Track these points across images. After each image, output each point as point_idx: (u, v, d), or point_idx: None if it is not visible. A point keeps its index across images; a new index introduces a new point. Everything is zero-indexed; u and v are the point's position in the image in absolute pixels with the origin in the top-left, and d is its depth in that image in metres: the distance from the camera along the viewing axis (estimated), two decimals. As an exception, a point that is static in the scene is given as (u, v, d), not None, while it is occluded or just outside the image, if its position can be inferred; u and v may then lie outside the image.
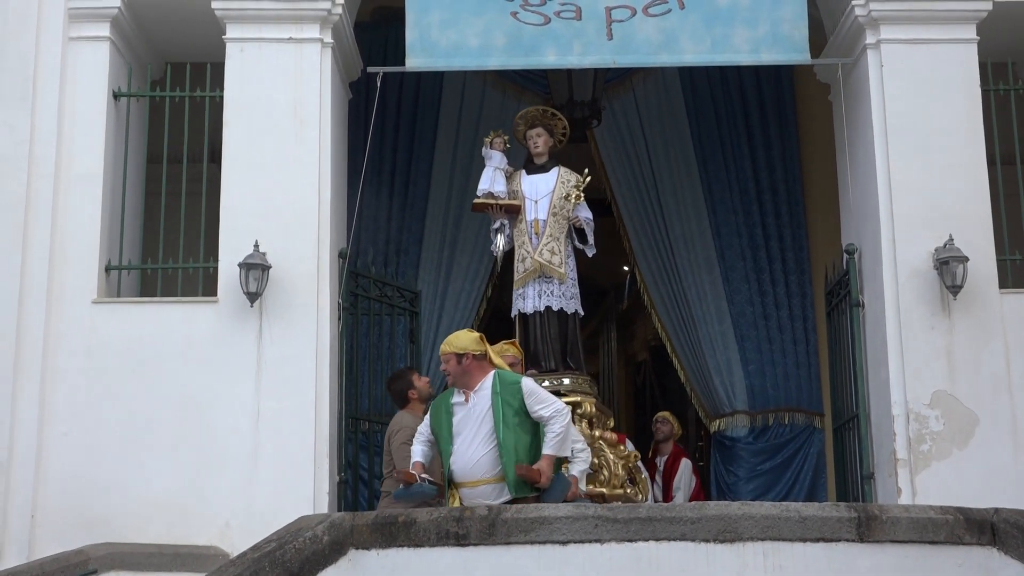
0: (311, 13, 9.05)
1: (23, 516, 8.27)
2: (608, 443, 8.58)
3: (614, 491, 8.32)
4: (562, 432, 6.91)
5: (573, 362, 8.94)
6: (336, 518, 6.30)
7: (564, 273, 8.87)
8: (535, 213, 8.98)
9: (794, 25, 8.91)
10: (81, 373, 8.51)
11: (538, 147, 9.17)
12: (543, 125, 9.18)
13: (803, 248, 11.11)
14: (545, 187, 9.03)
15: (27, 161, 8.75)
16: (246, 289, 8.50)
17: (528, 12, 8.94)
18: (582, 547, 6.11)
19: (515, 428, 6.88)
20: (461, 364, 6.98)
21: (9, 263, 8.60)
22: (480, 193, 9.09)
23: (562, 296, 8.91)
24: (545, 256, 8.86)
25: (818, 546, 6.12)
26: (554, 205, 8.95)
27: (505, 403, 6.91)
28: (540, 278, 8.88)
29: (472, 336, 7.13)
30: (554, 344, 8.87)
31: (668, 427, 10.54)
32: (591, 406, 8.64)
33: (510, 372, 7.25)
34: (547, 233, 8.92)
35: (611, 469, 8.45)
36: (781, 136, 11.25)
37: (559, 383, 8.63)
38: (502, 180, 9.09)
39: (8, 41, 8.91)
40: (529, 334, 8.91)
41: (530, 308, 8.91)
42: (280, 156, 8.88)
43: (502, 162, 9.18)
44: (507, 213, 9.05)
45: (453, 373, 7.01)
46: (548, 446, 6.88)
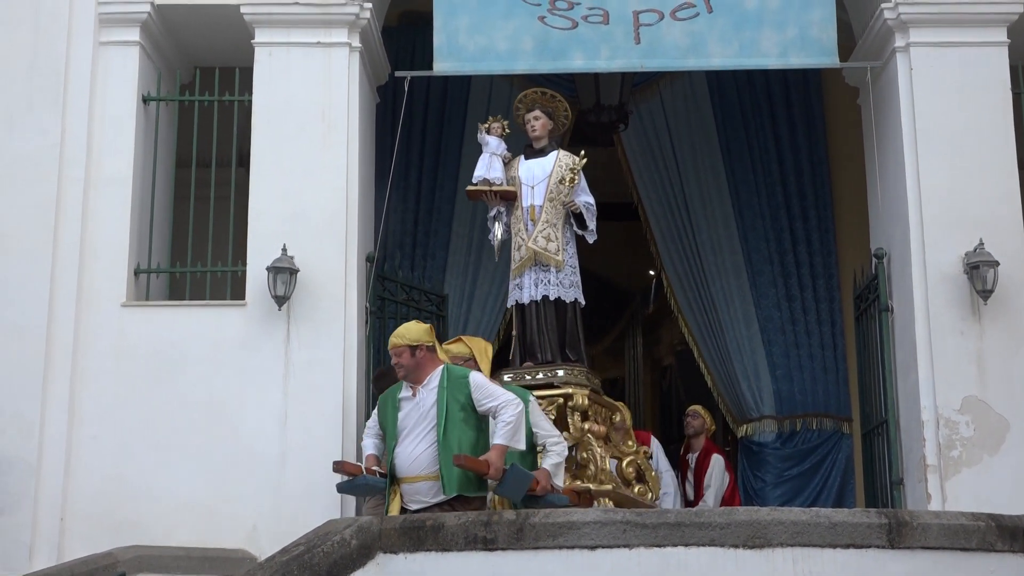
0: (339, 17, 9.06)
1: (52, 518, 8.30)
2: (596, 436, 8.18)
3: (601, 487, 7.93)
4: (513, 421, 6.77)
5: (573, 353, 8.56)
6: (364, 522, 6.29)
7: (561, 260, 8.56)
8: (531, 199, 8.65)
9: (822, 28, 8.86)
10: (110, 376, 8.53)
11: (535, 130, 8.83)
12: (542, 108, 8.84)
13: (831, 252, 11.03)
14: (542, 172, 8.71)
15: (57, 164, 8.79)
16: (274, 293, 8.51)
17: (556, 16, 8.92)
18: (610, 552, 6.09)
19: (460, 424, 6.78)
20: (415, 356, 6.88)
21: (39, 266, 8.63)
22: (475, 180, 8.79)
23: (559, 285, 8.57)
24: (540, 243, 8.55)
25: (848, 552, 6.09)
26: (550, 190, 8.63)
27: (452, 398, 6.80)
28: (537, 266, 8.58)
29: (423, 327, 7.02)
30: (551, 335, 8.53)
31: (699, 421, 10.12)
32: (583, 398, 8.21)
33: (458, 366, 7.10)
34: (543, 219, 8.60)
35: (598, 464, 8.04)
36: (809, 140, 11.18)
37: (553, 375, 8.33)
38: (498, 166, 8.77)
39: (40, 46, 8.95)
40: (526, 325, 8.61)
41: (527, 298, 8.59)
42: (308, 160, 8.89)
43: (499, 148, 8.84)
44: (503, 200, 8.74)
45: (407, 366, 6.89)
46: (498, 435, 6.76)
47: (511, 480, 6.80)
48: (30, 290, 8.58)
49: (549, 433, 7.44)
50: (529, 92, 8.90)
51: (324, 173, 8.88)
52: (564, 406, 8.15)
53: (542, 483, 7.07)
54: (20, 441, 8.36)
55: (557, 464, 7.34)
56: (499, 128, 8.90)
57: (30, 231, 8.67)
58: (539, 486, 7.05)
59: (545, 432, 7.43)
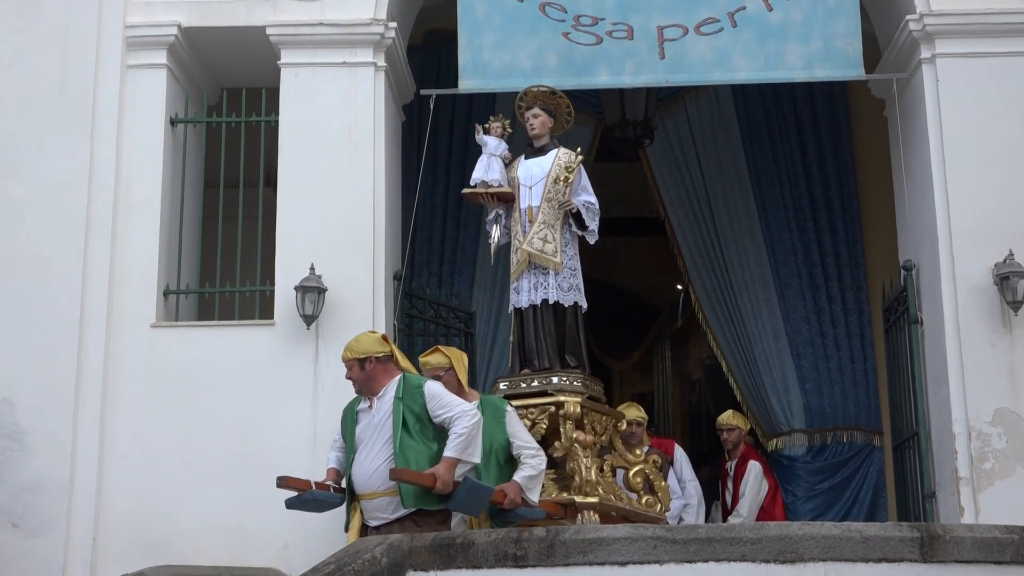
0: (364, 37, 9.11)
1: (85, 538, 8.35)
2: (584, 446, 7.82)
3: (587, 499, 7.58)
4: (466, 433, 6.54)
5: (573, 359, 8.22)
6: (394, 540, 6.29)
7: (559, 262, 8.17)
8: (529, 200, 8.31)
9: (848, 40, 8.85)
10: (140, 396, 8.58)
11: (534, 128, 8.46)
12: (542, 106, 8.46)
13: (859, 265, 11.00)
14: (540, 171, 8.35)
15: (87, 187, 8.86)
16: (302, 312, 8.55)
17: (580, 32, 8.94)
18: (641, 568, 6.06)
19: (416, 436, 6.60)
20: (364, 370, 6.69)
21: (69, 288, 8.70)
22: (473, 182, 8.46)
23: (558, 288, 8.19)
24: (536, 245, 8.17)
25: (881, 566, 6.04)
26: (548, 190, 8.28)
27: (407, 408, 6.62)
28: (535, 269, 8.22)
29: (373, 337, 6.84)
30: (549, 340, 8.17)
31: (735, 434, 9.68)
32: (575, 406, 7.83)
33: (416, 376, 6.88)
34: (540, 220, 8.23)
35: (583, 475, 7.67)
36: (835, 152, 11.15)
37: (547, 382, 8.00)
38: (497, 167, 8.43)
39: (68, 70, 9.03)
40: (524, 331, 8.27)
41: (524, 302, 8.24)
42: (335, 180, 8.93)
43: (498, 148, 8.50)
44: (500, 202, 8.42)
45: (358, 380, 6.71)
46: (448, 447, 6.54)
47: (464, 494, 6.58)
48: (61, 312, 8.65)
49: (526, 444, 7.20)
50: (530, 89, 8.59)
51: (351, 192, 8.92)
52: (556, 415, 7.85)
53: (510, 496, 6.87)
54: (52, 463, 8.42)
55: (530, 476, 7.06)
56: (499, 128, 8.60)
57: (60, 254, 8.74)
58: (506, 499, 6.86)
59: (522, 443, 7.19)
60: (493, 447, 7.10)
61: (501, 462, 7.11)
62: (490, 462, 7.05)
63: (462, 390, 7.16)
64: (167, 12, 9.19)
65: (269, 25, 9.14)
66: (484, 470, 6.99)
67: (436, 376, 7.10)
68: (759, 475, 9.49)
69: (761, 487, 9.47)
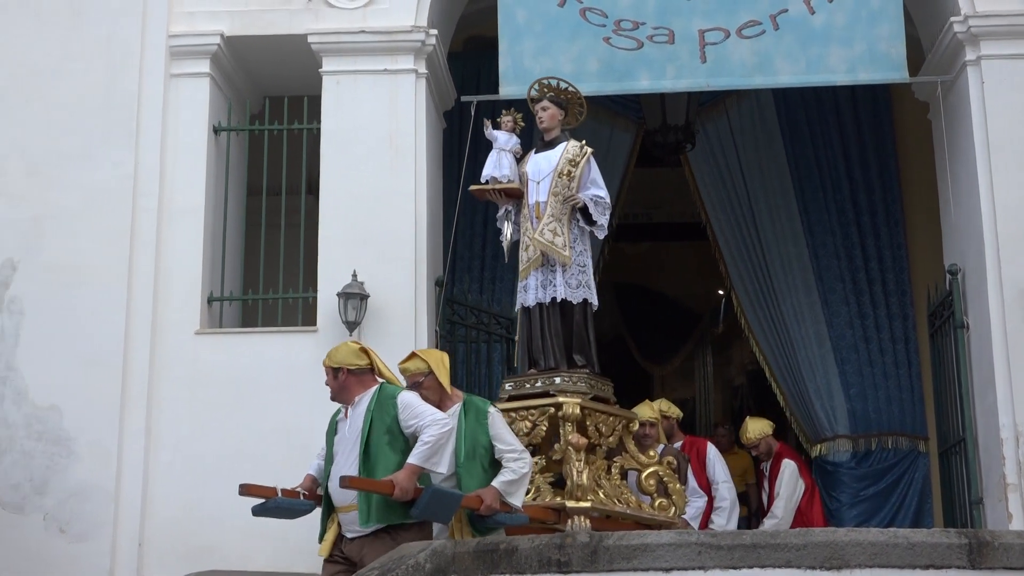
0: (406, 44, 9.15)
1: (131, 544, 8.43)
2: (577, 448, 7.52)
3: (579, 504, 7.35)
4: (432, 441, 6.30)
5: (581, 358, 7.97)
6: (438, 545, 6.28)
7: (568, 257, 7.94)
8: (536, 195, 8.10)
9: (891, 43, 8.79)
10: (185, 403, 8.65)
11: (543, 121, 8.26)
12: (551, 98, 8.26)
13: (903, 269, 10.90)
14: (548, 165, 8.15)
15: (131, 196, 8.95)
16: (345, 318, 8.58)
17: (621, 37, 8.92)
18: (685, 574, 6.03)
19: (384, 448, 6.39)
20: (337, 379, 6.55)
21: (114, 296, 8.78)
22: (484, 178, 8.31)
23: (565, 285, 7.96)
24: (547, 237, 7.96)
25: (928, 573, 5.97)
26: (555, 184, 8.07)
27: (378, 419, 6.44)
28: (543, 267, 8.00)
29: (350, 349, 6.66)
30: (555, 339, 7.96)
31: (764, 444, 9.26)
32: (574, 408, 7.59)
33: (394, 387, 6.65)
34: (548, 215, 8.01)
35: (574, 479, 7.42)
36: (879, 156, 11.07)
37: (550, 382, 7.79)
38: (507, 162, 8.26)
39: (113, 80, 9.13)
40: (531, 329, 8.06)
41: (532, 300, 8.02)
42: (377, 186, 8.97)
43: (508, 143, 8.32)
44: (509, 198, 8.24)
45: (331, 388, 6.60)
46: (412, 454, 6.32)
47: (427, 501, 6.34)
48: (106, 320, 8.73)
49: (509, 447, 6.88)
50: (538, 83, 8.40)
51: (393, 199, 8.95)
52: (556, 416, 7.63)
53: (486, 502, 6.65)
54: (99, 469, 8.51)
55: (511, 481, 6.77)
56: (510, 122, 8.42)
57: (105, 262, 8.83)
58: (483, 505, 6.65)
59: (504, 446, 6.88)
60: (476, 450, 6.85)
61: (485, 465, 6.85)
62: (473, 465, 6.81)
63: (444, 393, 6.94)
64: (210, 21, 9.26)
65: (311, 33, 9.19)
66: (466, 474, 6.78)
67: (416, 382, 6.91)
68: (794, 474, 9.09)
69: (797, 486, 9.07)
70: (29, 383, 8.64)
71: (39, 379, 8.64)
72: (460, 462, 6.81)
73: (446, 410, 6.90)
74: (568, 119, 8.37)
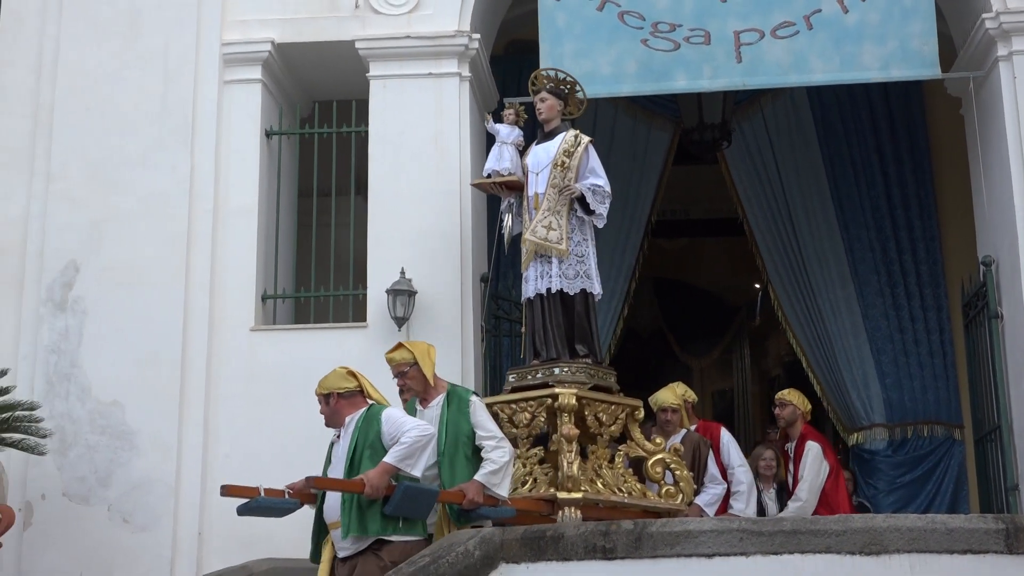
0: (449, 49, 9.18)
1: (191, 533, 8.51)
2: (568, 439, 7.32)
3: (570, 495, 7.16)
4: (409, 443, 6.22)
5: (583, 347, 7.75)
6: (486, 533, 6.31)
7: (564, 249, 7.71)
8: (535, 187, 7.87)
9: (923, 40, 8.72)
10: (241, 397, 8.72)
11: (542, 112, 8.03)
12: (549, 89, 8.05)
13: (937, 261, 10.83)
14: (547, 157, 7.91)
15: (188, 198, 9.03)
16: (394, 314, 8.62)
17: (658, 39, 8.91)
18: (728, 560, 6.02)
19: (368, 464, 6.27)
20: (330, 405, 6.47)
21: (173, 294, 8.86)
22: (485, 172, 8.19)
23: (561, 276, 7.73)
24: (540, 233, 7.74)
25: (965, 558, 5.94)
26: (553, 175, 7.83)
27: (363, 438, 6.36)
28: (540, 258, 7.79)
29: (338, 374, 6.55)
30: (557, 330, 7.74)
31: (788, 409, 8.77)
32: (571, 398, 7.36)
33: (380, 405, 6.52)
34: (544, 207, 7.78)
35: (564, 470, 7.24)
36: (911, 150, 11.00)
37: (549, 373, 7.60)
38: (508, 155, 8.06)
39: (169, 87, 9.21)
40: (533, 321, 7.86)
41: (531, 292, 7.83)
42: (423, 186, 9.01)
43: (510, 135, 8.13)
44: (510, 190, 8.05)
45: (324, 414, 6.52)
46: (388, 454, 6.23)
47: (400, 498, 6.22)
48: (165, 319, 8.82)
49: (489, 434, 6.74)
50: (538, 73, 8.21)
51: (438, 198, 8.98)
52: (553, 407, 7.44)
53: (469, 496, 6.52)
54: (160, 462, 8.60)
55: (493, 472, 6.62)
56: (512, 115, 8.24)
57: (164, 262, 8.91)
58: (465, 500, 6.53)
59: (484, 433, 6.74)
60: (459, 439, 6.73)
61: (468, 454, 6.72)
62: (456, 455, 6.70)
63: (428, 384, 6.89)
64: (261, 29, 9.33)
65: (358, 39, 9.24)
66: (447, 466, 6.68)
67: (401, 372, 6.89)
68: (817, 455, 8.57)
69: (821, 468, 8.58)
70: (92, 380, 8.74)
71: (102, 376, 8.74)
72: (442, 451, 6.70)
73: (431, 400, 6.89)
74: (570, 109, 8.19)
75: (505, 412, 7.61)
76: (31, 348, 8.80)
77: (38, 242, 8.99)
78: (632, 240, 10.92)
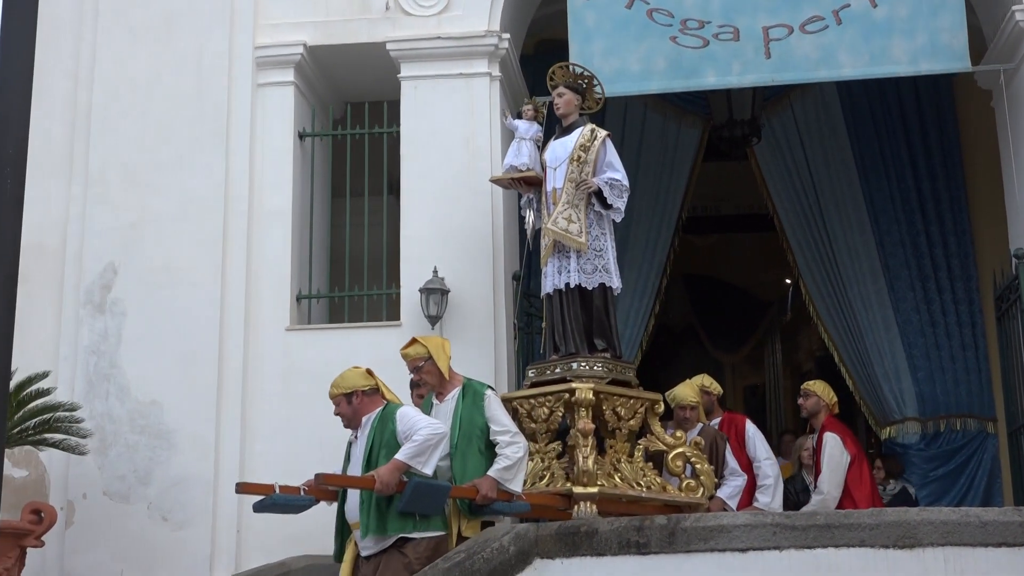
0: (480, 49, 9.15)
1: (230, 530, 8.53)
2: (584, 434, 7.28)
3: (586, 489, 7.14)
4: (421, 440, 6.17)
5: (601, 342, 7.67)
6: (521, 529, 6.29)
7: (583, 243, 7.64)
8: (553, 182, 7.83)
9: (953, 34, 8.61)
10: (277, 396, 8.73)
11: (559, 107, 7.99)
12: (567, 84, 7.99)
13: (968, 254, 10.72)
14: (564, 152, 7.85)
15: (223, 200, 9.05)
16: (427, 313, 8.61)
17: (687, 36, 8.84)
18: (761, 554, 5.98)
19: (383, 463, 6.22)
20: (352, 404, 6.37)
21: (210, 295, 8.89)
22: (504, 168, 8.20)
23: (579, 271, 7.67)
24: (561, 224, 7.67)
25: (1000, 551, 5.87)
26: (570, 170, 7.76)
27: (378, 436, 6.32)
28: (559, 253, 7.74)
29: (358, 372, 6.49)
30: (575, 325, 7.67)
31: (812, 400, 8.46)
32: (587, 393, 7.31)
33: (395, 403, 6.48)
34: (563, 201, 7.72)
35: (579, 465, 7.20)
36: (942, 144, 10.90)
37: (567, 368, 7.55)
38: (526, 151, 8.05)
39: (204, 91, 9.23)
40: (552, 316, 7.82)
41: (550, 287, 7.80)
42: (455, 186, 8.99)
43: (528, 131, 8.14)
44: (529, 186, 8.02)
45: (345, 415, 6.39)
46: (400, 451, 6.18)
47: (411, 494, 6.17)
48: (202, 318, 8.84)
49: (504, 428, 6.72)
50: (556, 69, 8.13)
51: (470, 197, 8.96)
52: (570, 401, 7.41)
53: (482, 492, 6.51)
54: (198, 460, 8.62)
55: (506, 468, 6.61)
56: (530, 111, 8.23)
57: (200, 263, 8.94)
58: (479, 495, 6.50)
59: (499, 428, 6.73)
60: (472, 432, 6.72)
61: (481, 448, 6.71)
62: (469, 448, 6.69)
63: (442, 378, 6.89)
64: (293, 32, 9.33)
65: (389, 41, 9.23)
66: (460, 459, 6.67)
67: (416, 367, 6.88)
68: (836, 445, 8.22)
69: (841, 458, 8.19)
70: (131, 380, 8.77)
71: (141, 376, 8.77)
72: (455, 444, 6.69)
73: (447, 393, 6.87)
74: (588, 104, 8.11)
75: (524, 407, 7.59)
76: (71, 350, 8.85)
77: (77, 245, 9.04)
78: (663, 237, 10.87)
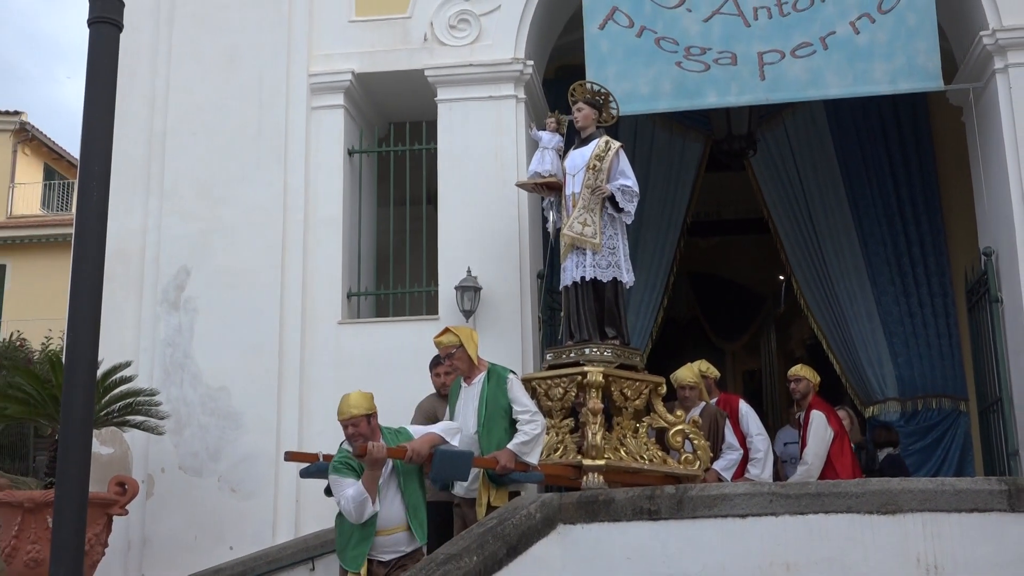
0: (507, 74, 9.20)
1: (289, 501, 8.60)
2: (593, 412, 7.29)
3: (595, 462, 7.14)
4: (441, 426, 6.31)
5: (612, 330, 7.71)
6: (547, 498, 6.35)
7: (597, 243, 7.69)
8: (572, 187, 7.86)
9: (928, 57, 8.60)
10: (331, 382, 8.77)
11: (578, 121, 8.01)
12: (585, 100, 8.02)
13: (942, 253, 10.71)
14: (582, 160, 7.89)
15: (282, 211, 9.11)
16: (461, 308, 8.66)
17: (690, 61, 8.86)
18: (759, 520, 6.03)
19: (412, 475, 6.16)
20: (371, 424, 6.10)
21: (271, 294, 8.96)
22: (529, 174, 8.21)
23: (595, 266, 7.71)
24: (576, 229, 7.74)
25: (972, 516, 5.90)
26: (587, 177, 7.79)
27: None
28: (577, 250, 7.78)
29: (369, 395, 6.24)
30: (589, 314, 7.70)
31: (803, 384, 8.47)
32: (598, 375, 7.35)
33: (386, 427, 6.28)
34: (580, 205, 7.76)
35: (588, 440, 7.22)
36: (918, 154, 10.89)
37: (580, 353, 7.56)
38: (549, 159, 8.08)
39: (264, 114, 9.31)
40: (569, 306, 7.85)
41: (568, 280, 7.84)
42: (486, 196, 9.03)
43: (551, 141, 8.15)
44: (551, 190, 8.05)
45: (364, 435, 6.04)
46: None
47: (439, 464, 6.15)
48: (264, 315, 8.92)
49: (524, 408, 6.79)
50: (576, 86, 8.17)
51: (499, 205, 9.00)
52: (582, 382, 7.42)
53: (501, 462, 6.58)
54: (262, 438, 8.70)
55: (524, 442, 6.67)
56: (553, 123, 8.25)
57: (263, 266, 9.01)
58: (498, 465, 6.57)
59: (520, 407, 6.79)
60: (497, 411, 6.79)
61: (505, 426, 6.78)
62: (494, 425, 6.75)
63: (472, 364, 6.94)
64: (343, 62, 9.40)
65: (427, 68, 9.28)
66: (486, 434, 6.73)
67: (449, 353, 6.94)
68: (821, 422, 8.25)
69: (825, 434, 8.22)
70: (203, 369, 8.87)
71: (211, 365, 8.86)
72: (482, 421, 6.78)
73: (474, 378, 6.94)
74: (604, 118, 8.11)
75: (542, 387, 7.63)
76: (150, 342, 8.95)
77: (154, 251, 9.13)
78: (670, 239, 10.90)
